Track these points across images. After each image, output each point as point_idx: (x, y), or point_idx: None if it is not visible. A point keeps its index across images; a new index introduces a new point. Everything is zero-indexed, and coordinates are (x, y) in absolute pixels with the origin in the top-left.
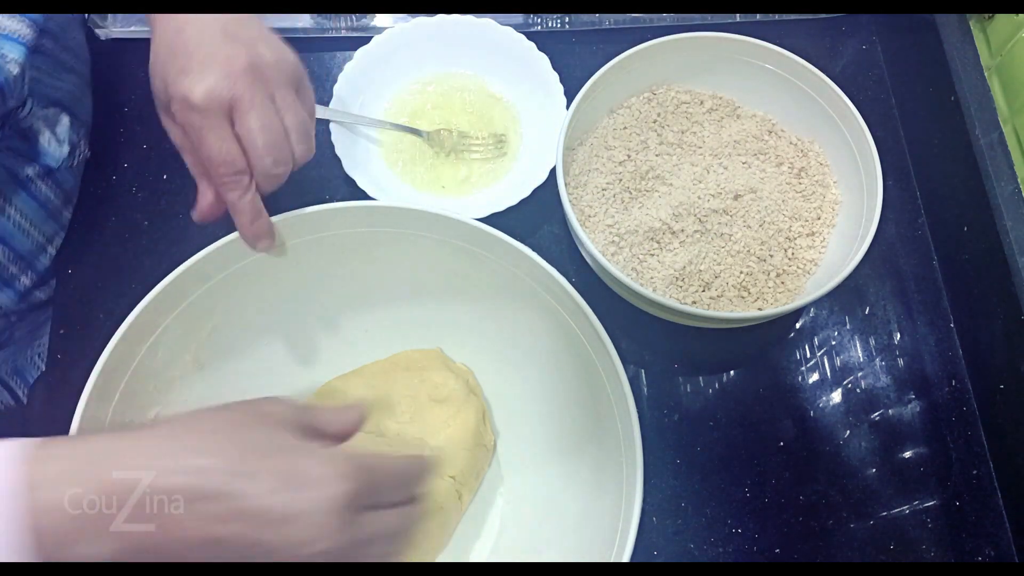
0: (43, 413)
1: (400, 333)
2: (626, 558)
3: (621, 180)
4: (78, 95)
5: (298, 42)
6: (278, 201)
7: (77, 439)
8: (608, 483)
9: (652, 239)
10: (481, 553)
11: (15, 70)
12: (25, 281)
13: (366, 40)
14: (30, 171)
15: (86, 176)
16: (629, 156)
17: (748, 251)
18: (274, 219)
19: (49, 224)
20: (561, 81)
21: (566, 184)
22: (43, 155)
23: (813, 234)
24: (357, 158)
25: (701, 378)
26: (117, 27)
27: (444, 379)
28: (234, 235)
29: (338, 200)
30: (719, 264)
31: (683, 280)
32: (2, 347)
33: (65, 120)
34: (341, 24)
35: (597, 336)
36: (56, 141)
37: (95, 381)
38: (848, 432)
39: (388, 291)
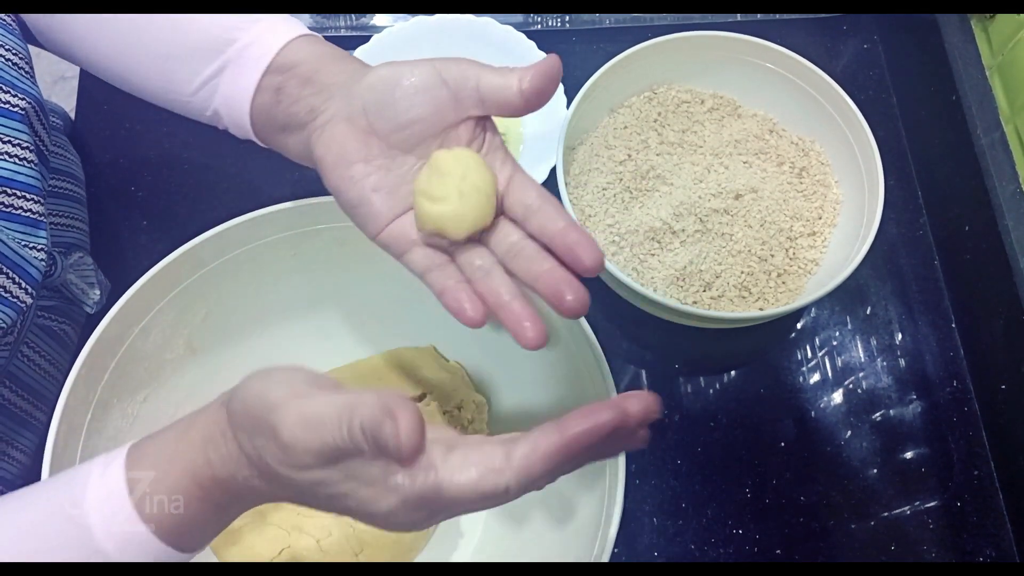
0: None
1: (394, 330)
2: (606, 557)
3: (621, 180)
4: (84, 226)
5: None
6: (280, 193)
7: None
8: (594, 480)
9: (653, 239)
10: (465, 552)
11: (43, 255)
12: (41, 418)
13: (366, 40)
14: (67, 327)
15: (87, 176)
16: (629, 156)
17: (749, 251)
18: (273, 210)
19: (61, 354)
20: (561, 80)
21: (566, 184)
22: (83, 305)
23: (814, 234)
24: None
25: (702, 378)
26: None
27: (437, 377)
28: (231, 223)
29: None
30: (720, 264)
31: (684, 280)
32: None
33: (88, 261)
34: (341, 24)
35: (583, 333)
36: (86, 285)
37: (84, 360)
38: (849, 432)
39: (383, 288)
